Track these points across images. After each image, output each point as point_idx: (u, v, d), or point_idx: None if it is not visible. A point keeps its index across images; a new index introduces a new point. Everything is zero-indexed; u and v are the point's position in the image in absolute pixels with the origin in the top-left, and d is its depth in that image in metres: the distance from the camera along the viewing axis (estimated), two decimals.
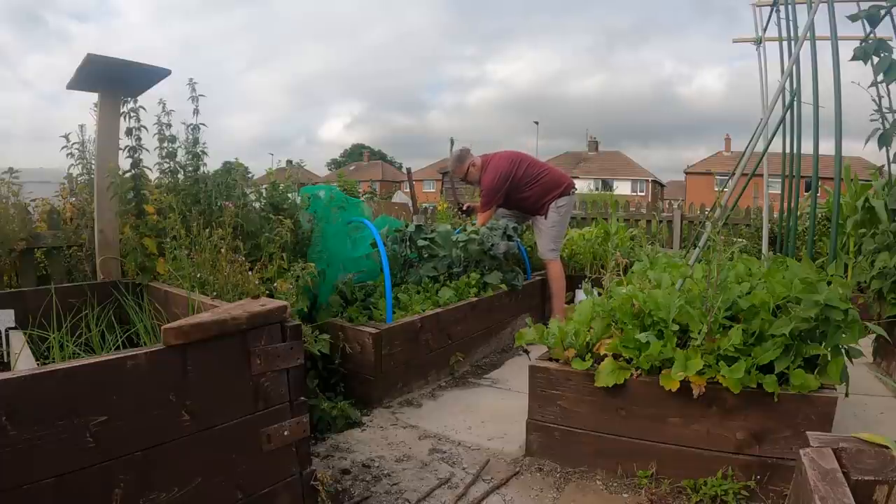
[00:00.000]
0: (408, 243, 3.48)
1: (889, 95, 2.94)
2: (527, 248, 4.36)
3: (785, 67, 3.31)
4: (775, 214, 4.91)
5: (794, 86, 3.49)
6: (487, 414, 2.50)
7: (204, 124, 2.56)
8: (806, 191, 4.90)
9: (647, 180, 40.27)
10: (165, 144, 2.49)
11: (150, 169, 2.49)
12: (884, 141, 2.86)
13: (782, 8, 3.86)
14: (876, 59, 2.82)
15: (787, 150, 3.91)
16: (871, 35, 2.87)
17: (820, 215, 4.88)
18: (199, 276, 2.09)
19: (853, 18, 2.91)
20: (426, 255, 3.49)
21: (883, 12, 2.86)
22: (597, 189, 33.96)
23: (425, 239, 3.57)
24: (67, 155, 2.92)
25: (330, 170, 52.63)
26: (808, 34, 2.98)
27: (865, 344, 2.66)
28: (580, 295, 3.18)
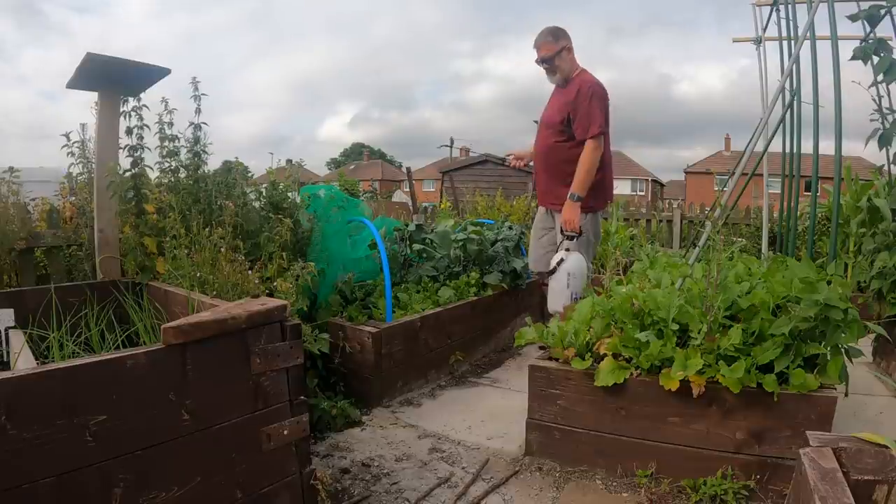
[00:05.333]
0: (407, 243, 3.48)
1: (889, 95, 2.93)
2: (526, 247, 4.35)
3: (785, 67, 3.31)
4: (775, 214, 4.91)
5: (794, 85, 3.48)
6: (487, 413, 2.50)
7: (205, 123, 2.56)
8: (806, 191, 4.90)
9: (646, 180, 40.24)
10: (166, 143, 2.48)
11: (151, 168, 2.49)
12: (884, 141, 2.85)
13: (782, 7, 3.85)
14: (876, 59, 2.81)
15: (787, 150, 3.91)
16: (871, 35, 2.87)
17: (820, 215, 4.88)
18: (198, 275, 2.09)
19: (853, 18, 2.91)
20: (425, 255, 3.49)
21: (883, 12, 2.85)
22: None
23: (425, 238, 3.56)
24: (68, 154, 2.92)
25: (329, 169, 52.66)
26: (809, 34, 2.98)
27: (865, 344, 2.66)
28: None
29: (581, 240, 2.80)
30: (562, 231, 2.78)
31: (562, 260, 2.73)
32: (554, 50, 2.83)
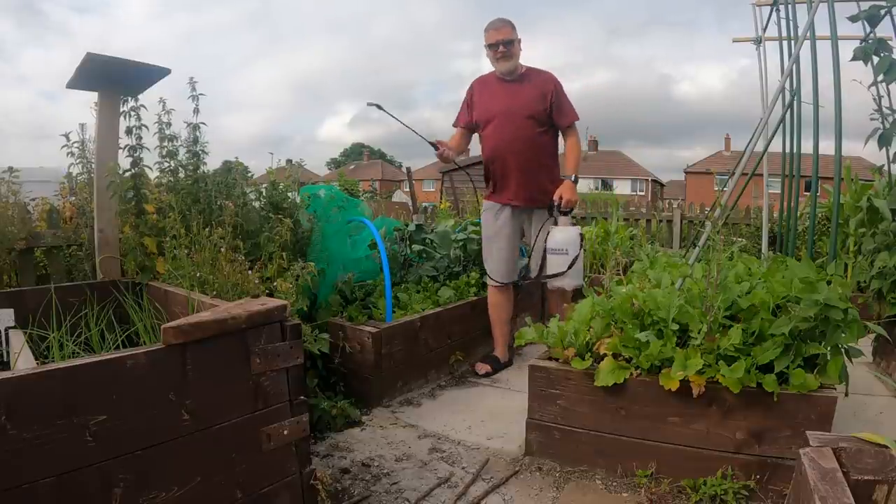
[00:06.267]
0: (407, 243, 3.48)
1: (889, 95, 2.93)
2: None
3: (785, 67, 3.31)
4: (775, 214, 4.91)
5: (794, 85, 3.49)
6: (487, 413, 2.50)
7: (204, 123, 2.56)
8: (806, 191, 4.90)
9: (646, 180, 40.25)
10: (166, 143, 2.48)
11: (151, 168, 2.49)
12: (884, 141, 2.85)
13: (782, 8, 3.85)
14: (876, 59, 2.81)
15: (787, 150, 3.91)
16: (871, 35, 2.87)
17: (820, 215, 4.88)
18: (198, 275, 2.09)
19: (853, 19, 2.91)
20: (425, 255, 3.49)
21: (883, 12, 2.85)
22: (596, 188, 34.01)
23: (425, 238, 3.56)
24: (67, 154, 2.92)
25: (329, 169, 52.66)
26: (809, 34, 2.98)
27: (865, 344, 2.66)
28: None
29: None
30: (559, 209, 2.91)
31: (581, 234, 2.88)
32: (514, 36, 2.93)
